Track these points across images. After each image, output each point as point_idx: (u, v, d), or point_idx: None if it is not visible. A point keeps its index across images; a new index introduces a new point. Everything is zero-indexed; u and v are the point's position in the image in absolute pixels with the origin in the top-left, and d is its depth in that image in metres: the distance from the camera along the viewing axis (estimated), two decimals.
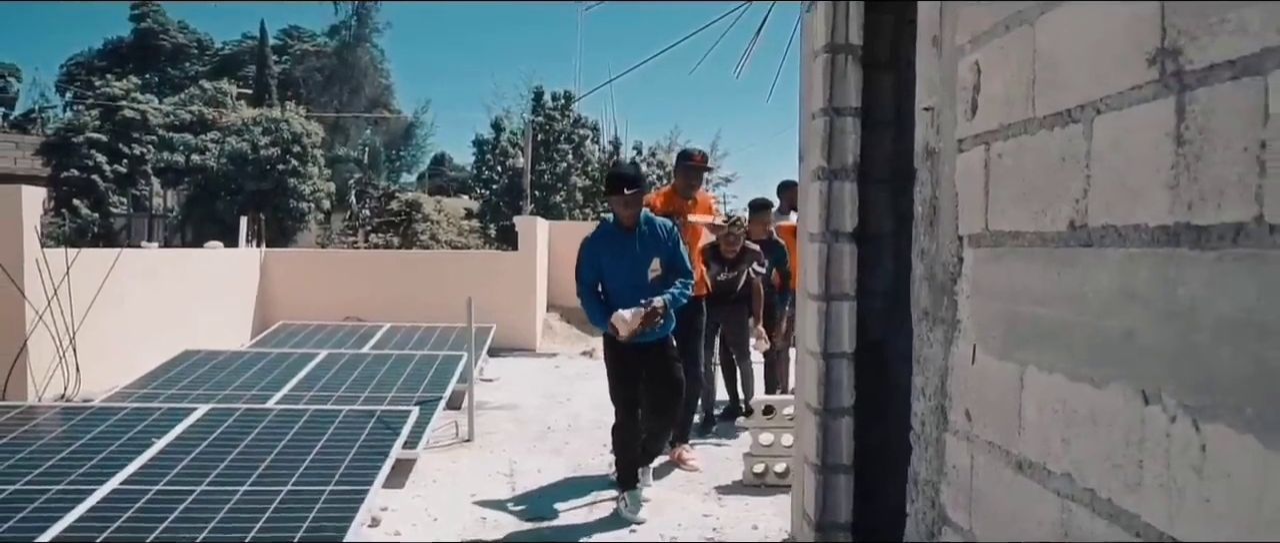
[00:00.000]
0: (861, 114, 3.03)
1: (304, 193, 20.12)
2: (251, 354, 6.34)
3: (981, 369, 1.74)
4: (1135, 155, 1.25)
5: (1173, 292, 1.15)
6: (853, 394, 3.13)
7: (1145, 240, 1.22)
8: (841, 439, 3.12)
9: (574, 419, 6.06)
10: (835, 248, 3.06)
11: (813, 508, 3.13)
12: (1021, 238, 1.58)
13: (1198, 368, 1.10)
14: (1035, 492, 1.52)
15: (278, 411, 4.25)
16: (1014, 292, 1.61)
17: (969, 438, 1.80)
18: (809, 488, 3.17)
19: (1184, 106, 1.14)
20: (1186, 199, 1.13)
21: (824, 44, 3.05)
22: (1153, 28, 1.21)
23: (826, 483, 3.14)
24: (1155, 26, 1.20)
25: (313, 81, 39.53)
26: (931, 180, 2.03)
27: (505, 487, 4.44)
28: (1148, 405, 1.21)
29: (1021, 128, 1.58)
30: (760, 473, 4.47)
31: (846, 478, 3.15)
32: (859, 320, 3.06)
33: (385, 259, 11.55)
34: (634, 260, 3.97)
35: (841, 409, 3.10)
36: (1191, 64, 1.13)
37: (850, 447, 3.12)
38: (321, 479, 3.43)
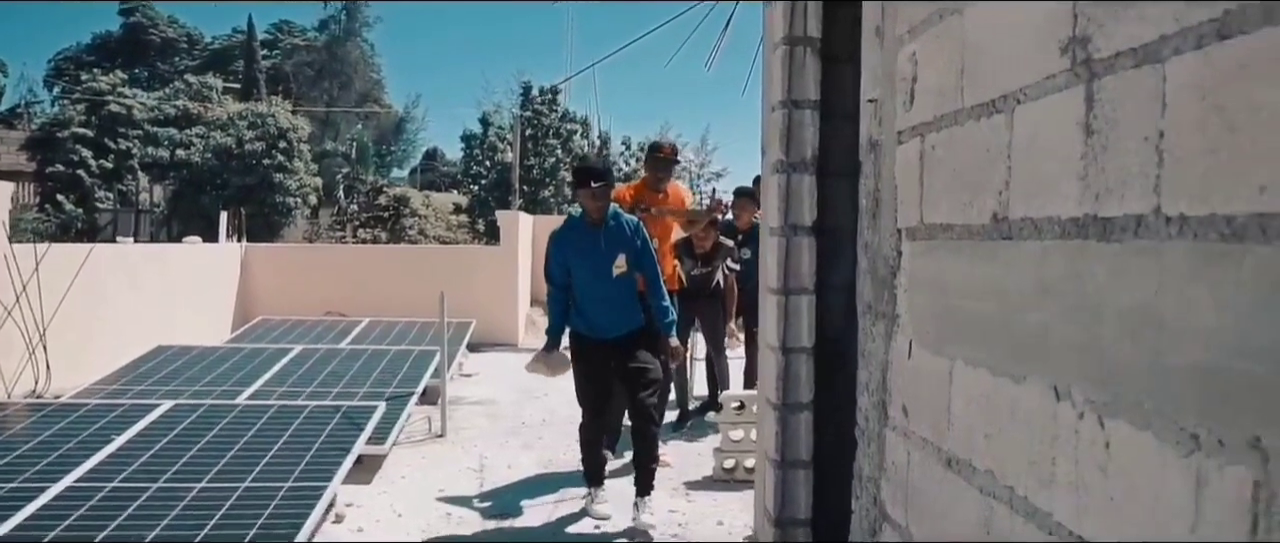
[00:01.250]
0: (821, 107, 3.00)
1: (290, 188, 20.02)
2: (225, 350, 6.30)
3: (916, 364, 1.72)
4: (1049, 146, 1.22)
5: (1081, 285, 1.13)
6: (812, 389, 3.11)
7: (1057, 233, 1.20)
8: (800, 435, 3.10)
9: (549, 415, 6.04)
10: (794, 241, 3.03)
11: (772, 504, 3.11)
12: (952, 230, 1.56)
13: (1102, 364, 1.08)
14: (961, 489, 1.50)
15: (241, 406, 4.21)
16: (945, 285, 1.58)
17: (906, 434, 1.77)
18: (769, 484, 3.15)
19: (1093, 96, 1.12)
20: (1094, 190, 1.11)
21: (783, 36, 3.02)
22: (1065, 15, 1.18)
23: (785, 479, 3.12)
24: (1067, 14, 1.18)
25: (302, 76, 39.36)
26: (874, 173, 2.01)
27: (474, 483, 4.41)
28: (1059, 402, 1.19)
29: (952, 119, 1.56)
30: (730, 468, 4.45)
31: (806, 473, 3.13)
32: (819, 315, 3.03)
33: (367, 254, 11.50)
34: (599, 256, 3.90)
35: (800, 404, 3.08)
36: (1099, 52, 1.11)
37: (809, 442, 3.09)
38: (281, 476, 3.40)
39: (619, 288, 3.90)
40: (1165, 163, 0.97)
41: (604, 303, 3.89)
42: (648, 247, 3.98)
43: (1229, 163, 0.87)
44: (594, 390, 3.93)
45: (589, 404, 3.94)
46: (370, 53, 41.69)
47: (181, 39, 42.38)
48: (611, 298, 3.89)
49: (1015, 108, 1.33)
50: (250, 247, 9.84)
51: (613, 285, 3.89)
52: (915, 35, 1.75)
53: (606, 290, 3.88)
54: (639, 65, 59.25)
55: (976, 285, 1.45)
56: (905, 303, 1.79)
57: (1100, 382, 1.09)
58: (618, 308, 3.91)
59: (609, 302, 3.89)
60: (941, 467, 1.58)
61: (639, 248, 3.94)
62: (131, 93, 24.01)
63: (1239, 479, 0.85)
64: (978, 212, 1.44)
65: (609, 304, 3.89)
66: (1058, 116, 1.20)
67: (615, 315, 3.90)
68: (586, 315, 3.91)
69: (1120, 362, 1.04)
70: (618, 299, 3.91)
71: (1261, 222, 0.82)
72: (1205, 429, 0.90)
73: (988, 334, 1.40)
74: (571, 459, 4.74)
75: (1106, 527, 1.07)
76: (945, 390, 1.57)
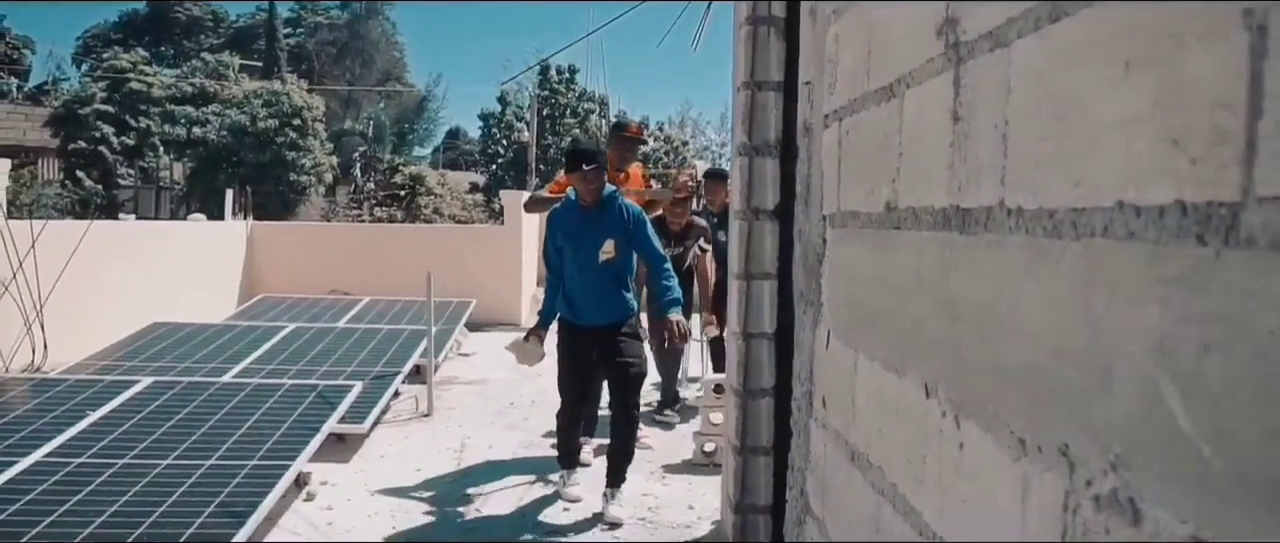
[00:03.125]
0: (786, 88, 2.95)
1: (304, 166, 20.11)
2: (219, 327, 6.35)
3: (832, 355, 1.68)
4: (928, 133, 1.18)
5: (946, 279, 1.09)
6: (774, 375, 3.06)
7: (930, 223, 1.15)
8: (762, 421, 3.06)
9: (540, 395, 6.02)
10: (756, 225, 2.98)
11: (733, 491, 3.08)
12: (858, 219, 1.51)
13: (960, 361, 1.04)
14: (860, 484, 1.46)
15: (218, 385, 4.24)
16: (853, 275, 1.54)
17: (824, 426, 1.74)
18: (730, 470, 3.12)
19: (959, 81, 1.07)
20: (959, 180, 1.06)
21: (747, 16, 2.96)
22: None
23: (746, 465, 3.08)
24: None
25: (325, 54, 39.49)
26: (807, 158, 1.96)
27: (452, 462, 4.42)
28: (928, 399, 1.14)
29: (861, 103, 1.51)
30: (710, 452, 4.43)
31: (767, 460, 3.10)
32: (783, 300, 2.99)
33: (373, 232, 11.54)
34: (586, 240, 3.81)
35: (761, 390, 3.04)
36: (965, 35, 1.06)
37: (770, 428, 3.06)
38: (247, 454, 3.42)
39: (605, 274, 3.81)
40: (1009, 153, 0.92)
41: (589, 288, 3.81)
42: (643, 229, 3.85)
43: (1054, 154, 0.82)
44: (576, 378, 3.89)
45: (569, 391, 3.90)
46: (392, 31, 41.73)
47: (207, 17, 42.57)
48: (597, 284, 3.81)
49: (905, 92, 1.28)
50: (257, 225, 9.90)
51: (599, 271, 3.80)
52: (838, 16, 1.70)
53: (592, 275, 3.80)
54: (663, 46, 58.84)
55: (874, 276, 1.41)
56: (827, 292, 1.75)
57: (959, 380, 1.05)
58: (602, 295, 3.82)
59: (594, 287, 3.81)
60: (847, 461, 1.55)
61: (631, 231, 3.82)
62: (153, 70, 24.17)
63: (1053, 487, 0.81)
64: (876, 200, 1.40)
65: (594, 290, 3.81)
66: (934, 102, 1.15)
67: (599, 302, 3.81)
68: (572, 300, 3.84)
69: (972, 360, 1.00)
70: (603, 286, 3.82)
71: (1075, 217, 0.78)
72: (1029, 434, 0.86)
73: (881, 327, 1.36)
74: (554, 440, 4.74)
75: (959, 528, 1.04)
76: (852, 382, 1.53)
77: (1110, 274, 0.72)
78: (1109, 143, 0.73)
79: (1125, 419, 0.70)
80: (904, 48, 1.28)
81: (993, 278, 0.95)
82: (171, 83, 22.27)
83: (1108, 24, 0.74)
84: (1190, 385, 0.62)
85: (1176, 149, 0.64)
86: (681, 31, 19.46)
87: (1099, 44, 0.76)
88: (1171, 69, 0.65)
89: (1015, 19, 0.92)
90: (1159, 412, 0.65)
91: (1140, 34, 0.69)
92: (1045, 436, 0.82)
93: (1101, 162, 0.74)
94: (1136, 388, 0.68)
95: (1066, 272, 0.79)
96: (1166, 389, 0.64)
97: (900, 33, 1.31)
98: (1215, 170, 0.60)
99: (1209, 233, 0.60)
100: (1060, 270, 0.80)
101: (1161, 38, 0.66)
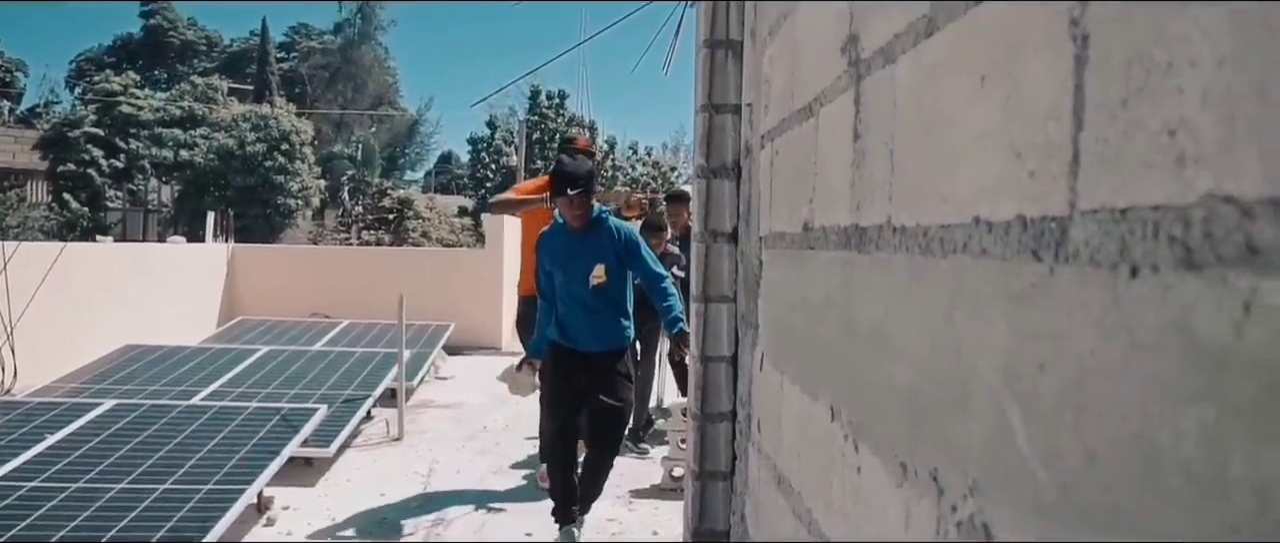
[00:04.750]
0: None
1: (292, 190, 20.10)
2: (193, 350, 6.30)
3: (765, 377, 1.66)
4: (835, 151, 1.16)
5: (847, 299, 1.07)
6: (732, 399, 3.03)
7: (837, 243, 1.13)
8: (719, 445, 3.02)
9: (514, 420, 5.98)
10: (714, 248, 2.96)
11: (691, 516, 3.04)
12: (784, 239, 1.50)
13: (857, 384, 1.02)
14: (784, 509, 1.44)
15: (181, 407, 4.19)
16: (780, 297, 1.52)
17: (759, 450, 1.72)
18: (688, 496, 3.08)
19: (859, 98, 1.06)
20: (858, 199, 1.05)
21: (705, 38, 2.95)
22: (845, 13, 1.12)
23: (705, 490, 3.04)
24: (846, 12, 1.11)
25: (317, 79, 39.62)
26: (748, 179, 1.95)
27: (418, 486, 4.37)
28: (833, 422, 1.12)
29: (788, 124, 1.50)
30: (678, 477, 4.38)
31: (725, 485, 3.05)
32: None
33: (353, 256, 11.52)
34: (575, 264, 3.66)
35: (719, 414, 3.00)
36: (864, 53, 1.04)
37: (728, 453, 3.02)
38: (204, 477, 3.37)
39: (597, 299, 3.66)
40: (895, 170, 0.91)
41: (579, 314, 3.68)
42: (637, 251, 3.72)
43: (928, 170, 0.81)
44: (565, 406, 3.70)
45: (557, 418, 3.72)
46: (385, 56, 41.91)
47: (201, 41, 42.72)
48: (588, 310, 3.67)
49: (820, 111, 1.27)
50: (237, 247, 9.87)
51: (590, 296, 3.66)
52: (772, 37, 1.70)
53: (583, 301, 3.66)
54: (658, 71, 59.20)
55: (796, 298, 1.39)
56: (762, 314, 1.73)
57: (857, 403, 1.03)
58: (594, 322, 3.69)
59: (585, 313, 3.68)
60: (775, 485, 1.52)
61: (623, 254, 3.68)
62: (143, 93, 24.19)
63: (927, 513, 0.79)
64: (797, 220, 1.38)
65: (585, 316, 3.68)
66: (839, 121, 1.14)
67: (591, 329, 3.69)
68: (563, 325, 3.71)
69: (867, 383, 0.98)
70: (595, 312, 3.68)
71: (943, 234, 0.76)
72: (909, 458, 0.83)
73: (800, 349, 1.34)
74: (524, 465, 4.69)
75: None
76: (780, 406, 1.51)
77: (969, 292, 0.70)
78: (968, 158, 0.71)
79: (980, 442, 0.68)
80: (818, 67, 1.27)
81: (881, 298, 0.93)
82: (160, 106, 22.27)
83: (969, 38, 0.73)
84: (1030, 406, 0.60)
85: (1019, 162, 0.63)
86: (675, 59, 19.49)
87: (962, 58, 0.74)
88: (1015, 81, 0.64)
89: (900, 35, 0.90)
90: (1005, 433, 0.63)
91: (995, 47, 0.68)
92: (920, 459, 0.80)
93: (963, 177, 0.72)
94: (988, 409, 0.66)
95: (936, 290, 0.78)
96: (1010, 410, 0.62)
97: (815, 52, 1.30)
98: (1048, 184, 0.58)
99: (1042, 248, 0.58)
100: (932, 289, 0.79)
101: (1009, 49, 0.65)
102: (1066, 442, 0.55)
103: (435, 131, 42.06)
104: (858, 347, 1.01)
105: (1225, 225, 0.41)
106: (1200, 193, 0.42)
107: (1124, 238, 0.50)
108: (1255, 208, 0.40)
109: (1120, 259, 0.50)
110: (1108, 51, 0.52)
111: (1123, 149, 0.50)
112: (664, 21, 5.08)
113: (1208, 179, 0.42)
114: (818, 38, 1.28)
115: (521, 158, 21.72)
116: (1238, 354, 0.40)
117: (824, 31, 1.23)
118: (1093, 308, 0.52)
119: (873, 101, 1.00)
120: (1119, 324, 0.50)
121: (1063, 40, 0.57)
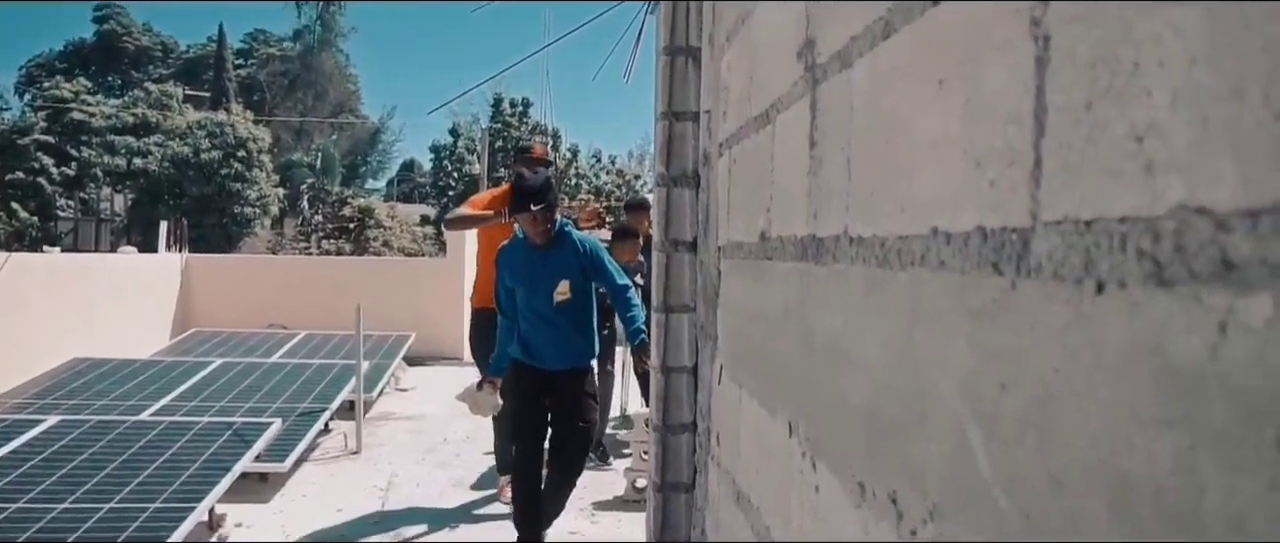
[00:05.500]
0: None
1: (250, 198, 19.77)
2: (144, 363, 6.14)
3: (724, 390, 1.63)
4: (792, 159, 1.13)
5: (804, 312, 1.04)
6: (693, 410, 3.00)
7: (794, 253, 1.10)
8: (682, 457, 2.99)
9: (475, 432, 5.89)
10: (675, 257, 2.93)
11: (653, 530, 3.00)
12: (743, 249, 1.47)
13: (814, 399, 0.99)
14: (743, 526, 1.40)
15: (129, 423, 4.07)
16: (738, 308, 1.49)
17: (718, 464, 1.68)
18: (650, 508, 3.04)
19: (816, 104, 1.03)
20: (815, 208, 1.02)
21: (666, 45, 2.93)
22: (800, 16, 1.09)
23: (667, 502, 3.01)
24: (802, 14, 1.09)
25: (277, 86, 39.12)
26: (707, 187, 1.92)
27: (376, 501, 4.28)
28: (790, 438, 1.09)
29: (745, 131, 1.47)
30: (641, 488, 4.34)
31: (687, 497, 3.02)
32: None
33: (312, 265, 11.33)
34: (538, 280, 3.53)
35: (680, 426, 2.97)
36: (820, 57, 1.02)
37: (690, 465, 2.99)
38: (151, 495, 3.26)
39: (561, 316, 3.54)
40: (852, 178, 0.88)
41: (544, 331, 3.56)
42: (601, 263, 3.62)
43: (885, 179, 0.78)
44: (531, 428, 3.59)
45: (521, 434, 3.61)
46: (345, 63, 41.50)
47: (156, 47, 42.00)
48: (552, 327, 3.56)
49: (777, 118, 1.24)
50: (191, 257, 9.66)
51: (555, 313, 3.54)
52: (730, 43, 1.67)
53: (548, 319, 3.54)
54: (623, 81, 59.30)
55: (753, 309, 1.36)
56: (720, 325, 1.70)
57: (814, 419, 0.99)
58: (559, 339, 3.57)
59: (549, 330, 3.56)
60: (734, 501, 1.49)
61: (588, 268, 3.57)
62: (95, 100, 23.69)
63: (886, 536, 0.75)
64: (754, 229, 1.35)
65: (550, 333, 3.56)
66: (796, 128, 1.11)
67: (556, 347, 3.57)
68: (526, 342, 3.59)
69: (824, 399, 0.95)
70: (560, 330, 3.57)
71: (901, 245, 0.73)
72: (867, 478, 0.80)
73: (758, 362, 1.31)
74: (485, 479, 4.62)
75: None
76: (738, 419, 1.48)
77: (927, 306, 0.67)
78: (926, 165, 0.68)
79: (940, 464, 0.64)
80: (775, 73, 1.25)
81: (839, 311, 0.90)
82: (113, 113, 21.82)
83: (927, 40, 0.70)
84: (991, 428, 0.57)
85: (979, 170, 0.60)
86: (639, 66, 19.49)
87: (920, 60, 0.71)
88: (975, 85, 0.61)
89: (857, 37, 0.88)
90: (965, 456, 0.60)
91: (954, 49, 0.65)
92: (878, 480, 0.77)
93: (921, 186, 0.69)
94: (948, 430, 0.63)
95: (894, 304, 0.75)
96: (971, 431, 0.59)
97: (772, 57, 1.27)
98: (1009, 193, 0.55)
99: (1003, 261, 0.55)
100: (889, 302, 0.76)
101: (967, 52, 0.62)
102: (1030, 466, 0.52)
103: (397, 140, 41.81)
104: (815, 361, 0.98)
105: (1198, 239, 0.38)
106: (1171, 204, 0.39)
107: (1089, 251, 0.47)
108: (1230, 220, 0.37)
109: (1085, 274, 0.47)
110: (1071, 52, 0.49)
111: (1087, 155, 0.47)
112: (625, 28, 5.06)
113: (1179, 188, 0.39)
114: (774, 42, 1.25)
115: (484, 166, 21.57)
116: (1213, 378, 0.37)
117: (781, 36, 1.20)
118: (1056, 325, 0.49)
119: (829, 107, 0.97)
120: (1084, 343, 0.47)
121: (1023, 41, 0.54)
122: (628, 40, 4.64)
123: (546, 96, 36.19)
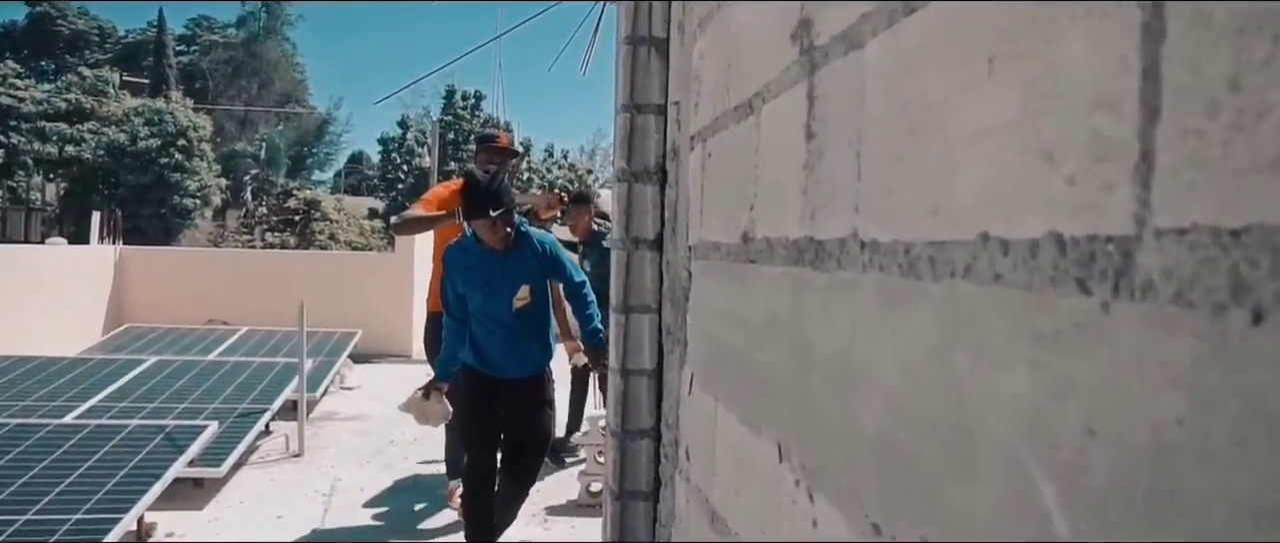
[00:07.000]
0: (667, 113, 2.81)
1: (189, 189, 19.17)
2: (71, 361, 5.85)
3: (695, 401, 1.52)
4: (783, 152, 1.03)
5: (800, 321, 0.93)
6: (653, 415, 2.90)
7: (784, 256, 1.00)
8: (641, 463, 2.88)
9: (423, 433, 5.71)
10: (635, 255, 2.82)
11: (611, 537, 2.89)
12: (719, 250, 1.36)
13: (813, 422, 0.88)
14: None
15: (51, 427, 3.83)
16: (713, 313, 1.39)
17: (687, 479, 1.58)
18: (607, 516, 2.93)
19: (814, 91, 0.92)
20: (812, 207, 0.91)
21: (627, 35, 2.82)
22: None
23: (624, 510, 2.90)
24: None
25: (219, 74, 38.16)
26: (676, 183, 1.82)
27: (318, 507, 4.11)
28: (781, 463, 0.98)
29: (722, 122, 1.36)
30: (596, 493, 4.22)
31: (646, 506, 2.91)
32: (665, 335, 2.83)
33: (255, 259, 11.01)
34: (495, 288, 3.33)
35: (641, 431, 2.86)
36: (819, 39, 0.91)
37: (650, 472, 2.88)
38: (73, 506, 3.06)
39: (519, 321, 3.36)
40: (863, 174, 0.77)
41: (499, 337, 3.38)
42: (559, 261, 3.44)
43: (910, 175, 0.67)
44: (485, 439, 3.41)
45: (474, 441, 3.43)
46: (291, 52, 40.61)
47: (92, 32, 40.67)
48: (509, 332, 3.38)
49: (762, 108, 1.13)
50: (126, 249, 9.30)
51: (512, 319, 3.35)
52: (703, 29, 1.56)
53: (503, 323, 3.35)
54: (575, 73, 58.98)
55: (733, 315, 1.25)
56: (691, 330, 1.59)
57: (812, 444, 0.89)
58: (516, 346, 3.40)
59: (505, 336, 3.38)
60: (707, 522, 1.38)
61: (548, 268, 3.40)
62: (24, 84, 22.79)
63: None
64: (734, 229, 1.25)
65: (506, 340, 3.38)
66: (788, 118, 1.00)
67: (511, 354, 3.40)
68: (479, 349, 3.40)
69: (825, 423, 0.85)
70: (515, 335, 3.39)
71: (934, 253, 0.62)
72: (883, 519, 0.70)
73: (738, 374, 1.20)
74: (432, 481, 4.47)
75: None
76: (712, 434, 1.37)
77: (973, 326, 0.57)
78: (970, 159, 0.58)
79: (991, 512, 0.54)
80: (761, 58, 1.14)
81: (846, 324, 0.80)
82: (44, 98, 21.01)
83: (969, 13, 0.59)
84: (1071, 481, 0.46)
85: (1050, 165, 0.49)
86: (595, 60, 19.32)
87: (958, 37, 0.61)
88: (1042, 62, 0.50)
89: (869, 14, 0.77)
90: (1030, 510, 0.49)
91: (1005, 20, 0.55)
92: (900, 524, 0.66)
93: (962, 183, 0.59)
94: (1004, 475, 0.52)
95: (924, 321, 0.64)
96: (1040, 482, 0.49)
97: (757, 42, 1.17)
98: (1099, 193, 0.45)
99: (1093, 278, 0.45)
100: (917, 319, 0.65)
101: (1030, 22, 0.51)
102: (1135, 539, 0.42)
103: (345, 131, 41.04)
104: (813, 379, 0.87)
105: None
106: None
107: (1237, 269, 0.36)
108: None
109: (1232, 300, 0.36)
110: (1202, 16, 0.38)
111: (1232, 146, 0.37)
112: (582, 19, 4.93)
113: None
114: (760, 25, 1.14)
115: (435, 159, 21.22)
116: None
117: (768, 18, 1.09)
118: (1182, 362, 0.39)
119: (831, 94, 0.87)
120: (1227, 389, 0.36)
121: (1122, 5, 0.43)
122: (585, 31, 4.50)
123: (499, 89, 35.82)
